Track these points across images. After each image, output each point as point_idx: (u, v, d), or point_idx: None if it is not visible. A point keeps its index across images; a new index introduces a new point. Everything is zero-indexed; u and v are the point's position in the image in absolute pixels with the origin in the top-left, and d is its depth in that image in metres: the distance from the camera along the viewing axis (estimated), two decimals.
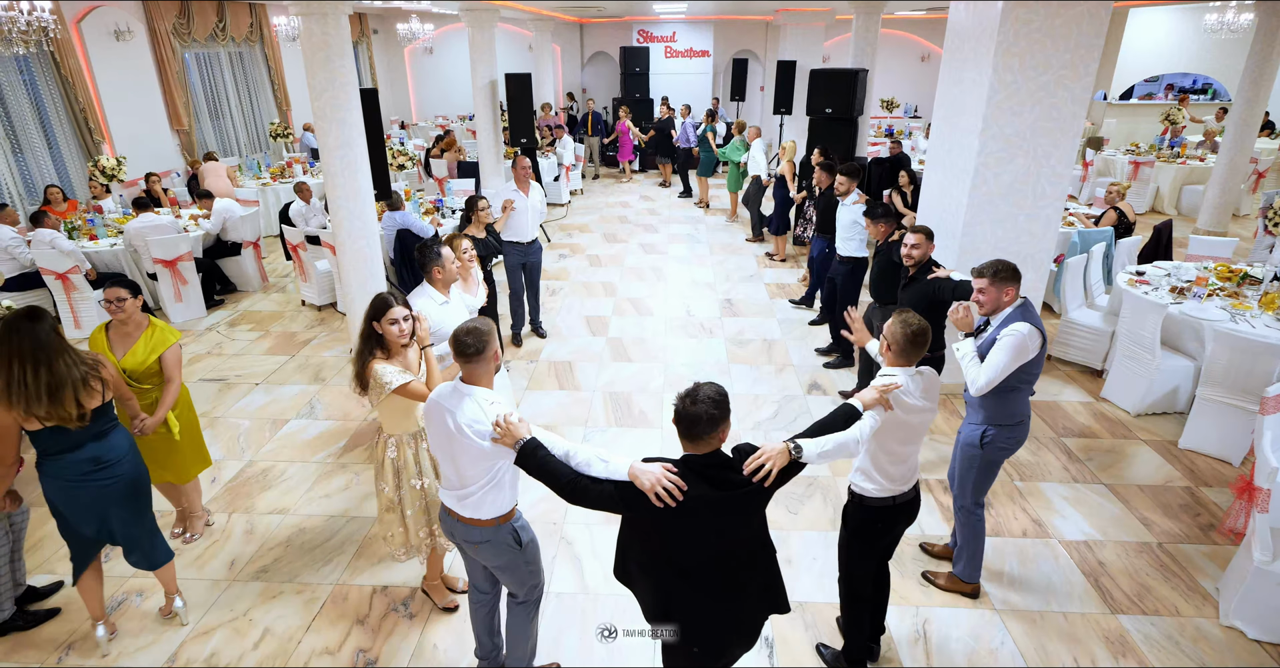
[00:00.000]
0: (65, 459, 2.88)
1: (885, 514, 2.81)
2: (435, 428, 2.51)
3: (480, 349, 2.41)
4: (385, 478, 3.16)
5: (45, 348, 2.71)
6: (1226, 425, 4.58)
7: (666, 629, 2.24)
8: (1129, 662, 3.17)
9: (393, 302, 2.94)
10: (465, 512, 2.57)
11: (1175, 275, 5.65)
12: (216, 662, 3.23)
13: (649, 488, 2.04)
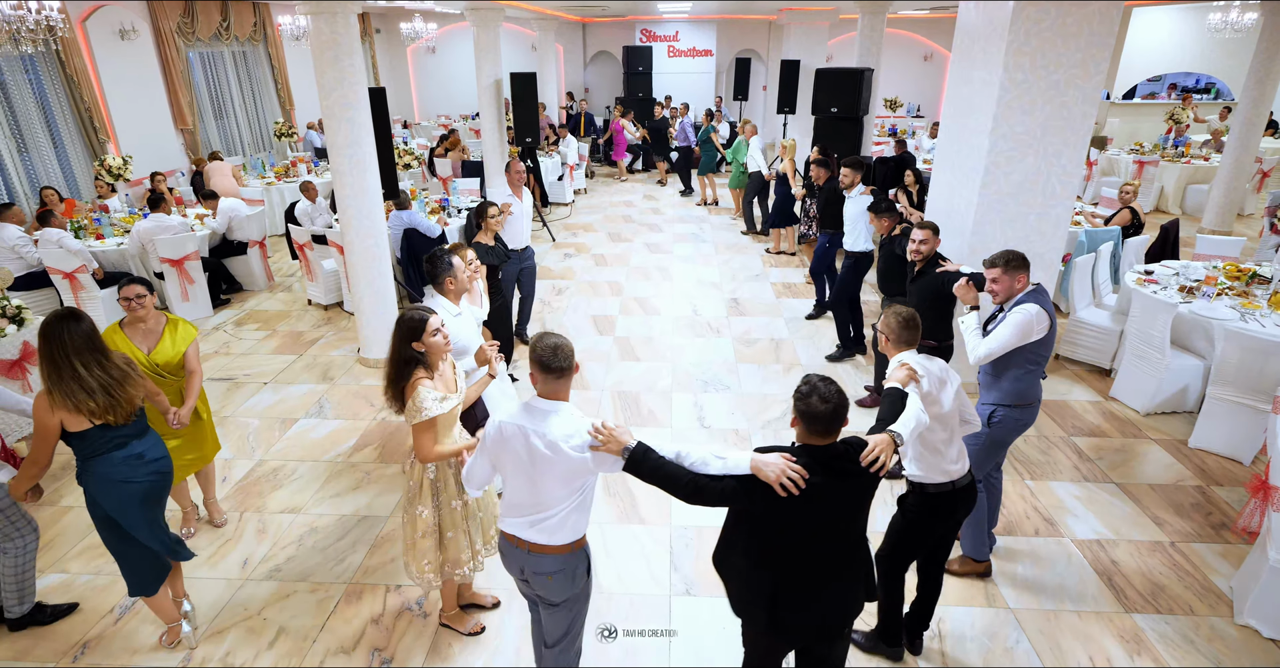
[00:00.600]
0: (114, 458, 2.87)
1: (945, 500, 2.89)
2: (511, 452, 2.35)
3: (568, 366, 2.31)
4: (424, 500, 2.94)
5: (95, 346, 2.76)
6: (1237, 425, 4.59)
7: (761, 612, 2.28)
8: (1144, 661, 3.18)
9: (426, 315, 2.76)
10: (539, 538, 2.40)
11: (1184, 275, 5.64)
12: (232, 661, 3.23)
13: (774, 479, 2.09)
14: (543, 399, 2.35)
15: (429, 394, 2.73)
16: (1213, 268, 5.61)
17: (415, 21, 13.54)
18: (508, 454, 2.37)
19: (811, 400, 2.14)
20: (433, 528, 2.95)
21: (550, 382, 2.32)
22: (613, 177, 14.08)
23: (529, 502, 2.39)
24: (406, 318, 2.77)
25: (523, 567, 2.49)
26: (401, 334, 2.75)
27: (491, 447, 2.42)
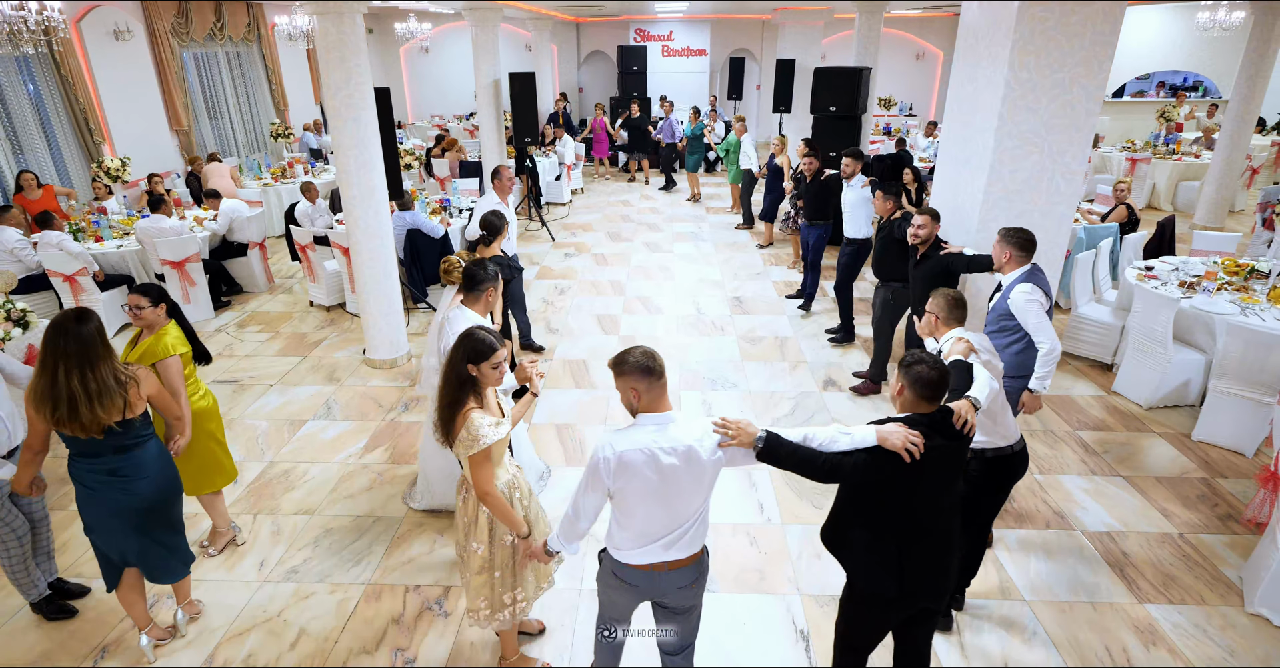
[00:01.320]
0: (83, 463, 2.86)
1: (1004, 463, 3.08)
2: (638, 479, 2.22)
3: (663, 370, 2.23)
4: (479, 536, 2.74)
5: (87, 353, 2.65)
6: (1240, 418, 4.66)
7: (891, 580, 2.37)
8: (1160, 651, 3.23)
9: (496, 343, 2.58)
10: (680, 553, 2.34)
11: (1183, 270, 5.72)
12: (254, 662, 3.22)
13: (900, 445, 2.19)
14: (651, 414, 2.24)
15: (484, 420, 2.54)
16: (1212, 263, 5.68)
17: (410, 21, 13.50)
18: (634, 483, 2.22)
19: (919, 368, 2.30)
20: (487, 564, 2.78)
21: (655, 389, 2.23)
22: (590, 174, 14.09)
23: (664, 524, 2.28)
24: (476, 338, 2.55)
25: (659, 587, 2.39)
26: (464, 353, 2.54)
27: (612, 481, 2.24)
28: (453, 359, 2.56)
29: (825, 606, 3.51)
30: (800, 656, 3.24)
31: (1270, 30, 8.98)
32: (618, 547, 2.39)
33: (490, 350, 2.54)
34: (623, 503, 2.29)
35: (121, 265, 6.89)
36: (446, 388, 2.57)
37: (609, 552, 2.46)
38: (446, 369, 2.58)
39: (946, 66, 17.03)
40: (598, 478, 2.26)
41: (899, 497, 2.32)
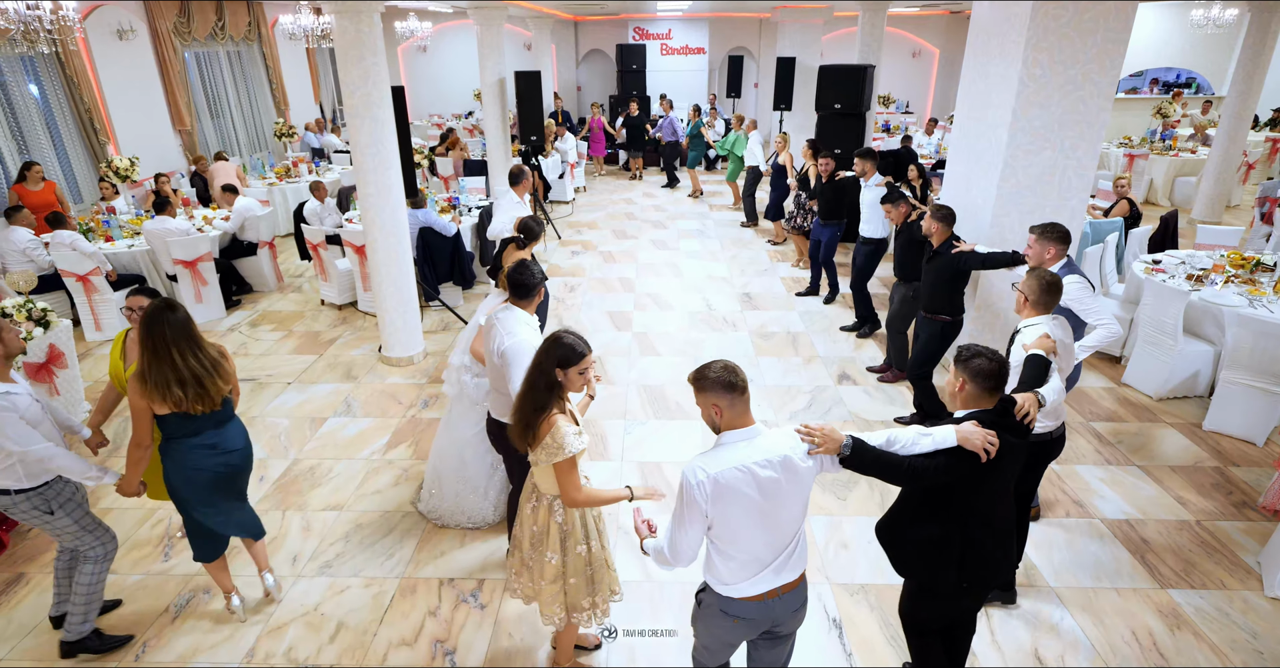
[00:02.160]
0: (187, 444, 2.98)
1: (1045, 446, 3.21)
2: (740, 497, 2.10)
3: (746, 384, 2.15)
4: (552, 546, 2.70)
5: (191, 335, 2.86)
6: (1250, 407, 4.75)
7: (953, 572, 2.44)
8: (1185, 634, 3.30)
9: (587, 348, 2.52)
10: (791, 574, 2.25)
11: (1189, 263, 5.81)
12: (295, 656, 3.25)
13: (980, 446, 2.23)
14: (736, 430, 2.15)
15: (569, 429, 2.48)
16: (1219, 256, 5.78)
17: (410, 20, 13.48)
18: (736, 505, 2.10)
19: (979, 362, 2.34)
20: (560, 574, 2.73)
21: (739, 404, 2.13)
22: (593, 174, 14.14)
23: (771, 546, 2.19)
24: (567, 343, 2.47)
25: (773, 618, 2.28)
26: (554, 357, 2.46)
27: (711, 507, 2.11)
28: (540, 363, 2.48)
29: (854, 594, 3.57)
30: (834, 643, 3.29)
31: (1266, 28, 9.11)
32: (725, 582, 2.23)
33: (581, 355, 2.47)
34: (724, 530, 2.14)
35: (133, 265, 6.88)
36: (531, 392, 2.49)
37: (712, 589, 2.29)
38: (533, 373, 2.50)
39: (943, 64, 17.15)
40: (694, 508, 2.11)
41: (966, 493, 2.37)
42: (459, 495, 3.98)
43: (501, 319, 3.14)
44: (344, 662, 3.23)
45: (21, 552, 3.95)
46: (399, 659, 3.24)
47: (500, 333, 3.09)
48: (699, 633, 2.47)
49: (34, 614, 3.50)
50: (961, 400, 2.42)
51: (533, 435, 2.49)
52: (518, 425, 2.53)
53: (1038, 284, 3.14)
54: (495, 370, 3.17)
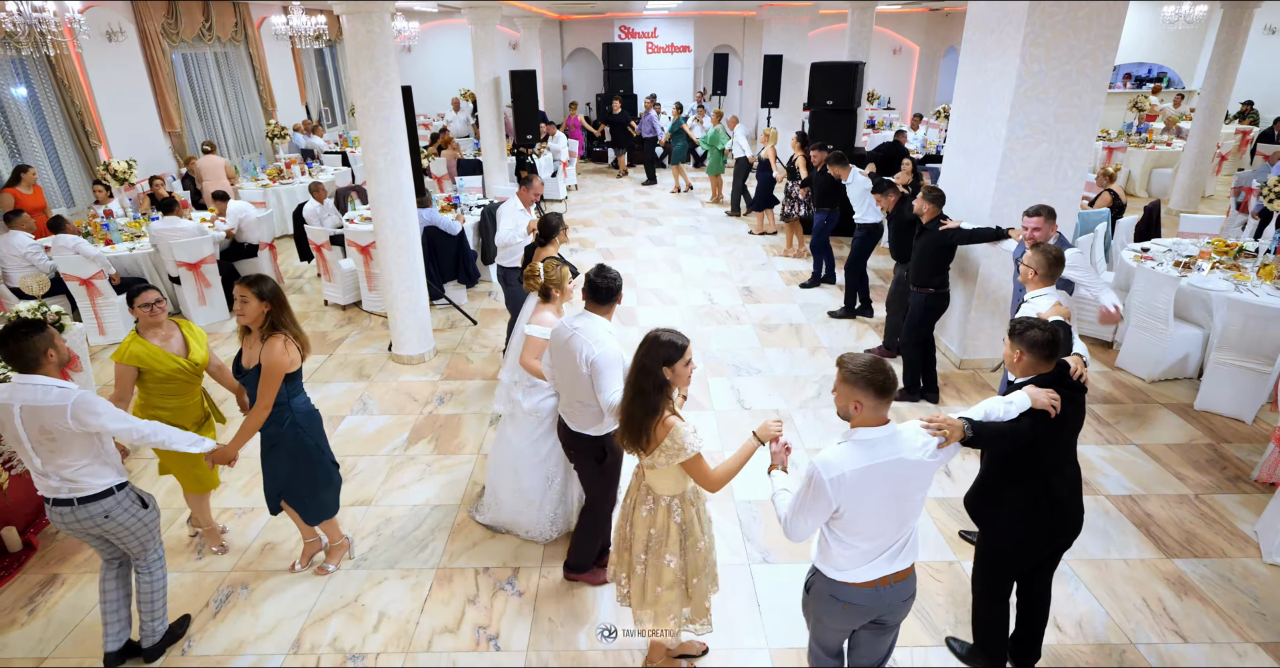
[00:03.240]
0: (303, 398, 3.40)
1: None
2: (871, 492, 2.16)
3: (895, 388, 2.19)
4: (671, 548, 2.68)
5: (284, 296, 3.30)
6: (1239, 387, 4.97)
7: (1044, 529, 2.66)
8: (1192, 600, 3.49)
9: (686, 341, 2.51)
10: (905, 562, 2.30)
11: (1175, 251, 6.05)
12: (340, 645, 3.32)
13: (1047, 403, 2.47)
14: (871, 428, 2.19)
15: (686, 428, 2.48)
16: (1205, 244, 6.02)
17: (397, 19, 13.43)
18: (863, 501, 2.16)
19: (1033, 333, 2.54)
20: (681, 575, 2.70)
21: (881, 408, 2.18)
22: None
23: (890, 535, 2.24)
24: (666, 339, 2.46)
25: (883, 605, 2.32)
26: (658, 357, 2.45)
27: (842, 500, 2.15)
28: (644, 366, 2.46)
29: None
30: None
31: (1237, 24, 9.43)
32: (839, 567, 2.28)
33: (682, 349, 2.47)
34: (847, 522, 2.20)
35: (135, 268, 6.85)
36: (640, 397, 2.47)
37: (823, 575, 2.34)
38: (637, 378, 2.47)
39: (923, 61, 17.44)
40: (823, 501, 2.16)
41: (1044, 449, 2.58)
42: (515, 510, 3.89)
43: (583, 329, 2.99)
44: (390, 650, 3.30)
45: (53, 553, 3.97)
46: (444, 646, 3.32)
47: (585, 343, 2.95)
48: (810, 624, 2.52)
49: (73, 614, 3.53)
50: (1020, 370, 2.63)
51: (647, 440, 2.48)
52: (628, 432, 2.51)
53: (1044, 259, 3.44)
54: (576, 381, 3.03)
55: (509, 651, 3.28)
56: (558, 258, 4.33)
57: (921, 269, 5.07)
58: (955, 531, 3.98)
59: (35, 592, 3.68)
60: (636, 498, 2.75)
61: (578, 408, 3.15)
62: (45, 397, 2.68)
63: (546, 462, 3.71)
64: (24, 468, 4.01)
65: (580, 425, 3.18)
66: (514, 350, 3.68)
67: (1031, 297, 3.52)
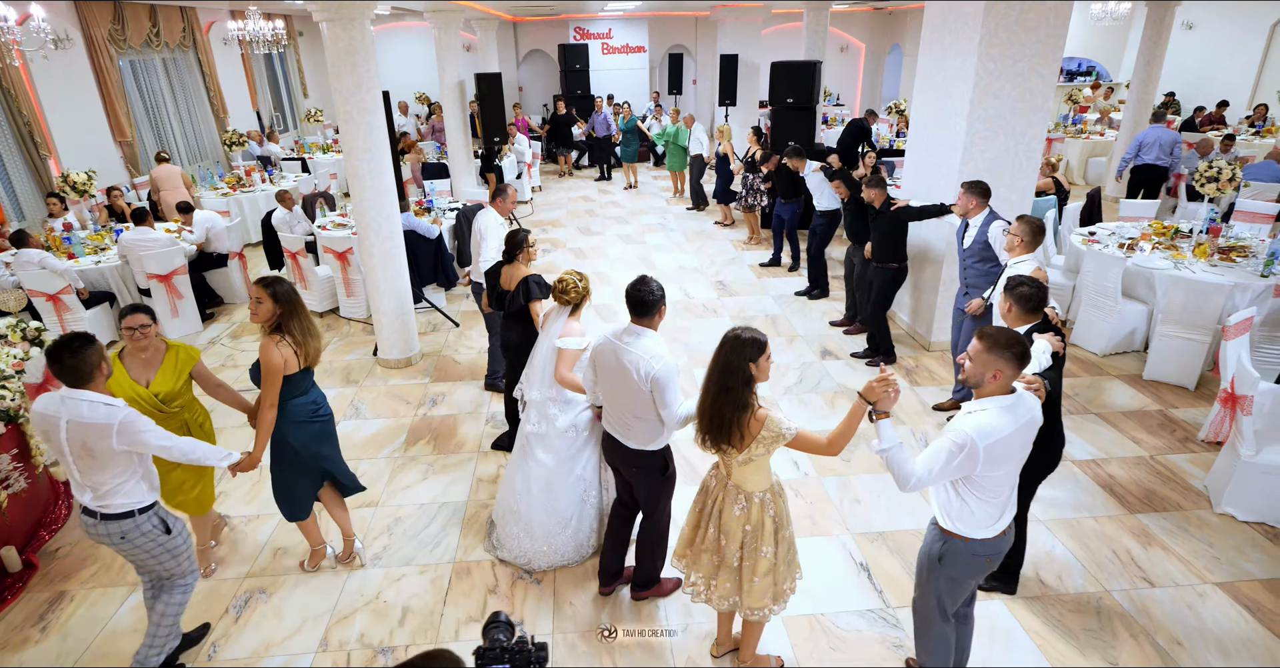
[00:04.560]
0: (300, 402, 3.39)
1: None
2: (1012, 457, 2.39)
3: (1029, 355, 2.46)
4: (766, 541, 2.77)
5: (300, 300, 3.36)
6: (1182, 357, 5.40)
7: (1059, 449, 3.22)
8: (1156, 549, 3.83)
9: (763, 334, 2.58)
10: (1015, 509, 2.59)
11: (1119, 234, 6.50)
12: (368, 641, 3.40)
13: (1058, 344, 3.02)
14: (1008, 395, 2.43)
15: (780, 415, 2.59)
16: (1146, 226, 6.48)
17: None
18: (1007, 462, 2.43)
19: (1022, 290, 2.96)
20: (773, 565, 2.80)
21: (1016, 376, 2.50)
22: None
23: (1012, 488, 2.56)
24: (748, 337, 2.53)
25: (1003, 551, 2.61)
26: (745, 354, 2.52)
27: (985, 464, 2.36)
28: (730, 364, 2.52)
29: (874, 541, 3.95)
30: (865, 583, 3.66)
31: (1161, 21, 10.08)
32: (982, 525, 2.48)
33: (764, 344, 2.55)
34: (990, 481, 2.39)
35: (101, 282, 6.69)
36: (728, 395, 2.52)
37: (962, 537, 2.51)
38: (724, 377, 2.53)
39: (869, 59, 18.00)
40: (971, 464, 2.32)
41: (1058, 398, 3.07)
42: (549, 534, 3.72)
43: (635, 345, 2.95)
44: (418, 642, 3.39)
45: (56, 571, 3.93)
46: (471, 635, 3.42)
47: (641, 358, 2.92)
48: (943, 589, 2.63)
49: (89, 628, 3.52)
50: (1010, 320, 3.06)
51: (739, 437, 2.56)
52: (713, 432, 2.60)
53: (1028, 228, 3.95)
54: (633, 397, 3.00)
55: (535, 634, 3.41)
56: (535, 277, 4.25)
57: (883, 247, 5.62)
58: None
59: (44, 609, 3.65)
60: (722, 499, 2.80)
61: (634, 424, 3.08)
62: (93, 414, 2.67)
63: (582, 477, 3.65)
64: (21, 488, 3.96)
65: (640, 442, 3.11)
66: (541, 368, 3.54)
67: (1014, 263, 4.01)
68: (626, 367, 2.94)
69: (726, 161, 9.48)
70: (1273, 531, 3.94)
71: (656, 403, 2.93)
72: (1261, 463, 3.88)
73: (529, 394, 3.62)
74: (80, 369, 2.67)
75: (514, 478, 3.75)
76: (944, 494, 2.53)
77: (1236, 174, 6.25)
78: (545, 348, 3.54)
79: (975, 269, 4.77)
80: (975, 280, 4.77)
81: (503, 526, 3.86)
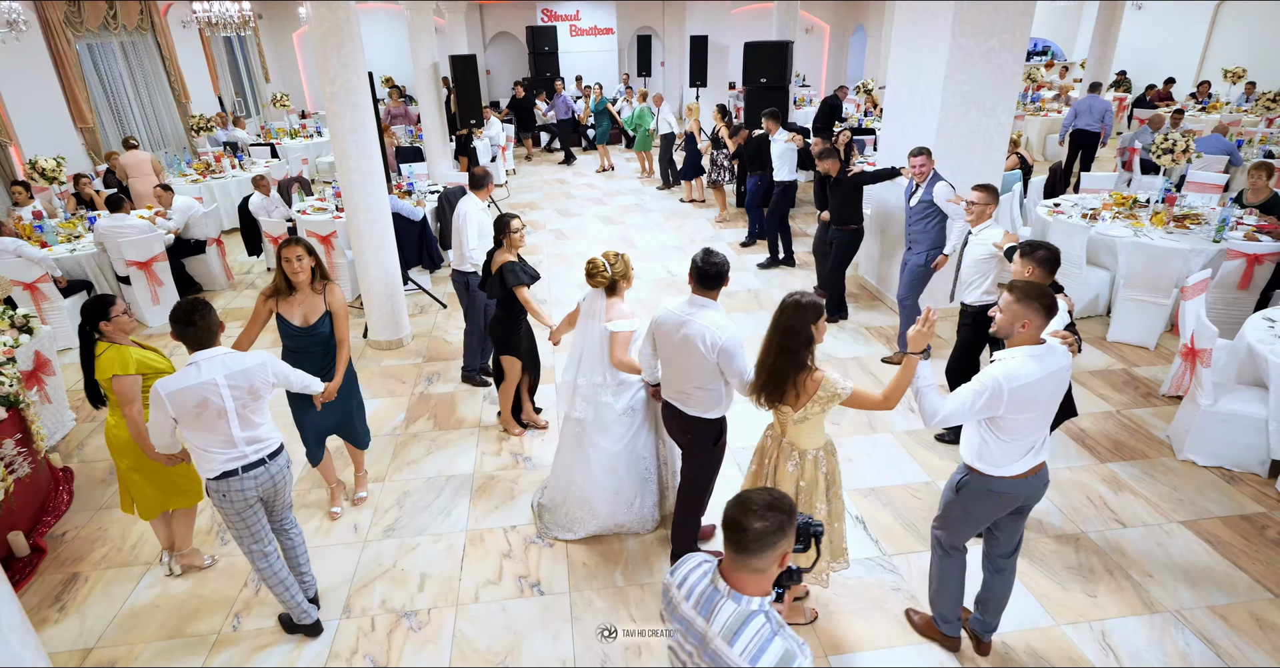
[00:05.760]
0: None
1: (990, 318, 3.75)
2: (1038, 398, 2.52)
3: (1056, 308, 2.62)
4: (819, 496, 2.88)
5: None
6: (1144, 319, 5.73)
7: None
8: (1126, 494, 4.12)
9: (823, 300, 2.76)
10: (1045, 455, 2.72)
11: (1081, 205, 6.81)
12: (390, 606, 3.50)
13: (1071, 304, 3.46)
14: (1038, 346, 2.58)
15: (834, 374, 2.70)
16: (1107, 196, 6.80)
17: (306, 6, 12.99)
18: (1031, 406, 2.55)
19: (1039, 253, 3.25)
20: (827, 523, 2.90)
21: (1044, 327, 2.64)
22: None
23: (1039, 431, 2.71)
24: (807, 303, 2.66)
25: (1027, 493, 2.74)
26: (807, 316, 2.65)
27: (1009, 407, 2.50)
28: (791, 327, 2.64)
29: (867, 496, 4.17)
30: (862, 535, 3.88)
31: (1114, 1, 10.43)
32: (998, 464, 2.64)
33: (822, 307, 2.69)
34: (1013, 422, 2.54)
35: (78, 271, 6.57)
36: (789, 356, 2.66)
37: (980, 473, 2.68)
38: (784, 339, 2.66)
39: (833, 39, 18.20)
40: (996, 405, 2.49)
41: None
42: (613, 514, 3.80)
43: (700, 316, 3.00)
44: (440, 605, 3.51)
45: (66, 554, 3.94)
46: (491, 597, 3.55)
47: (708, 329, 2.96)
48: (954, 516, 2.86)
49: (107, 606, 3.56)
50: (1040, 277, 3.27)
51: (795, 395, 2.72)
52: (771, 391, 2.76)
53: (988, 194, 4.28)
54: (697, 368, 3.05)
55: (552, 594, 3.56)
56: (518, 260, 4.35)
57: (843, 211, 6.10)
58: (925, 458, 4.49)
59: (59, 591, 3.67)
60: (777, 456, 2.92)
61: (695, 394, 3.14)
62: (243, 361, 2.87)
63: (642, 456, 3.71)
64: (25, 473, 3.94)
65: (699, 410, 3.18)
66: (594, 354, 3.52)
67: (978, 231, 4.33)
68: (692, 338, 2.99)
69: (694, 140, 9.70)
70: (1229, 474, 4.26)
71: (725, 372, 3.00)
72: (1219, 412, 4.19)
73: (578, 381, 3.60)
74: (212, 328, 2.86)
75: (571, 467, 3.75)
76: (971, 433, 2.72)
77: (1190, 146, 6.58)
78: (594, 333, 3.51)
79: (919, 227, 5.27)
80: (918, 236, 5.30)
81: (563, 510, 3.87)
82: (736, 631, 1.65)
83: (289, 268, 3.45)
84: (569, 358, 3.72)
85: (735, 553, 1.68)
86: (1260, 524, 3.87)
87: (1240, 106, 12.29)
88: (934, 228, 5.20)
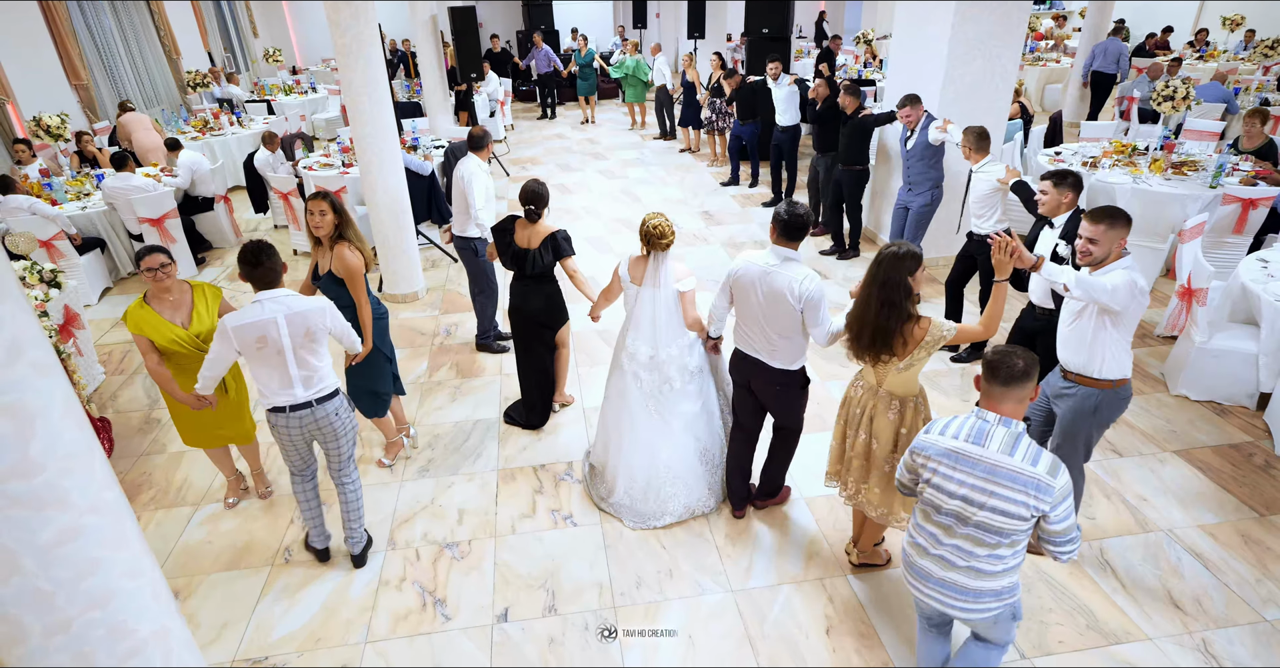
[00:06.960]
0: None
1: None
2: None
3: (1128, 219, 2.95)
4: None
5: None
6: (1141, 263, 5.82)
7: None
8: (1122, 427, 4.35)
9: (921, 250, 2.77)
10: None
11: (1081, 153, 6.91)
12: (432, 539, 3.71)
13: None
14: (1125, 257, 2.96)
15: (938, 318, 2.78)
16: (1107, 144, 6.90)
17: None
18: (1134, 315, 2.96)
19: (1071, 179, 3.54)
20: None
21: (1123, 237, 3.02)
22: None
23: None
24: (904, 253, 2.71)
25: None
26: (907, 268, 2.70)
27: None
28: (890, 279, 2.69)
29: None
30: None
31: None
32: (1124, 366, 3.03)
33: (920, 257, 2.74)
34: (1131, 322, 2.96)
35: (90, 228, 6.60)
36: (893, 308, 2.70)
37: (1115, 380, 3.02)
38: (885, 291, 2.70)
39: None
40: (1143, 296, 2.87)
41: None
42: (700, 478, 3.72)
43: (787, 268, 3.04)
44: (479, 537, 3.72)
45: None
46: (526, 529, 3.76)
47: (794, 279, 3.01)
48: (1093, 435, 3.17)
49: (162, 544, 3.74)
50: (1065, 208, 3.61)
51: (903, 344, 2.76)
52: (875, 344, 2.77)
53: (973, 135, 4.56)
54: (782, 317, 3.09)
55: (585, 525, 3.77)
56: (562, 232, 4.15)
57: (851, 151, 6.36)
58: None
59: None
60: (874, 407, 2.94)
61: (779, 343, 3.18)
62: (303, 303, 2.98)
63: (714, 410, 3.70)
64: None
65: (784, 361, 3.22)
66: (666, 321, 3.42)
67: (979, 167, 4.58)
68: (779, 290, 3.03)
69: (693, 89, 9.74)
70: (1220, 407, 4.50)
71: (808, 322, 3.05)
72: (1212, 348, 4.39)
73: (659, 354, 3.46)
74: (276, 269, 2.97)
75: (654, 444, 3.60)
76: (1106, 346, 2.92)
77: (1191, 92, 6.66)
78: (664, 299, 3.38)
79: (916, 167, 5.57)
80: (916, 177, 5.60)
81: (653, 493, 3.69)
82: (1013, 445, 2.15)
83: (311, 221, 3.50)
84: (634, 335, 3.52)
85: (1004, 386, 2.17)
86: (1248, 452, 4.11)
87: (1237, 55, 12.28)
88: (933, 170, 5.53)
